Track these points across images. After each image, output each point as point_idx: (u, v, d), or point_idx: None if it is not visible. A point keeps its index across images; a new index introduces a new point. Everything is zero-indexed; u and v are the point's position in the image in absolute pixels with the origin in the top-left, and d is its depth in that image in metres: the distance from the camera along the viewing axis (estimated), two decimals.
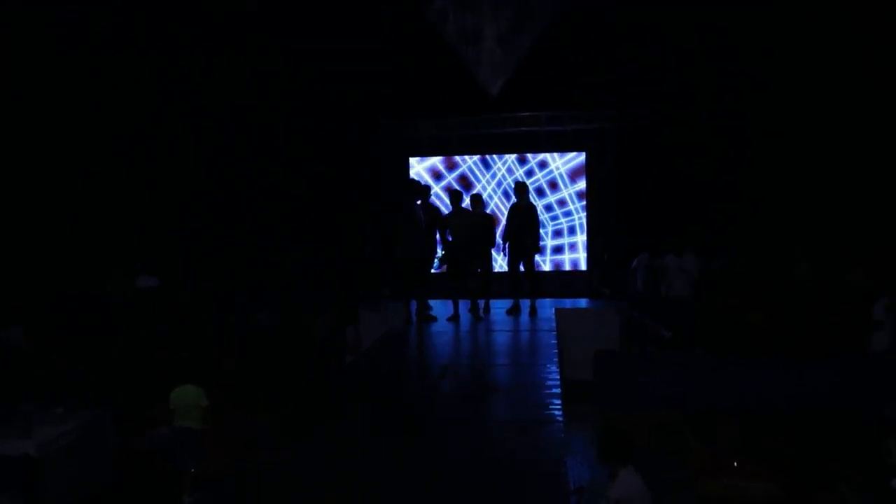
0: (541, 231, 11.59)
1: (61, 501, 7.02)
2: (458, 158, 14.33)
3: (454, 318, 10.53)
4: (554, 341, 9.20)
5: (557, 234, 14.27)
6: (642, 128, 13.53)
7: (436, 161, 14.35)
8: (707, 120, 13.31)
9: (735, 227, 12.94)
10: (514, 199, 11.26)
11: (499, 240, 11.37)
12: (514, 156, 14.22)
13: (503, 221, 11.82)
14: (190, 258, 13.07)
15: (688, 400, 9.16)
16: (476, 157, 14.29)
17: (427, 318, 10.66)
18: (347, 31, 13.69)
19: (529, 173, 14.15)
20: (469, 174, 14.25)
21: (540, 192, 14.12)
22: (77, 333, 9.86)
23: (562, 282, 13.97)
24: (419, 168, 14.31)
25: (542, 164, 14.17)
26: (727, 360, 9.67)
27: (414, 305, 10.62)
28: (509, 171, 14.14)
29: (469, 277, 10.58)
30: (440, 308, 11.14)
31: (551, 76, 13.72)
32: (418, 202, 10.59)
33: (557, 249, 14.28)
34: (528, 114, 13.85)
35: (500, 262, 12.38)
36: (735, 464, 4.97)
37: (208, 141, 13.85)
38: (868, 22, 11.58)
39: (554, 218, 14.23)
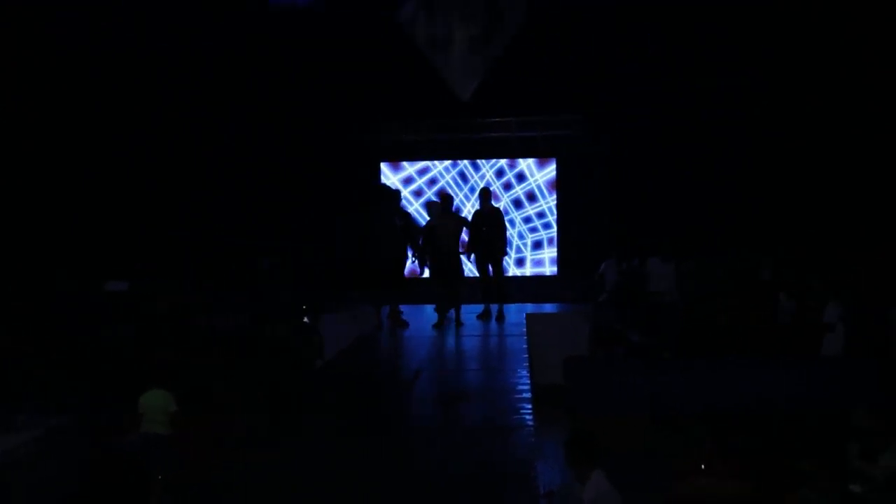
0: (507, 234, 11.56)
1: None
2: (437, 174, 14.38)
3: (440, 325, 10.41)
4: (525, 346, 9.23)
5: (537, 245, 14.35)
6: (613, 131, 13.67)
7: (421, 183, 14.41)
8: (692, 121, 13.48)
9: (708, 229, 13.11)
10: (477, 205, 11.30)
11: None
12: (492, 170, 14.30)
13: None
14: (161, 259, 12.91)
15: (657, 403, 9.27)
16: (455, 172, 14.35)
17: (400, 322, 10.64)
18: (321, 35, 13.68)
19: (507, 186, 14.27)
20: (448, 188, 14.21)
21: (518, 204, 14.21)
22: (43, 336, 9.69)
23: (538, 285, 14.07)
24: (397, 181, 14.28)
25: (521, 177, 14.26)
26: (695, 363, 9.79)
27: (386, 310, 10.61)
28: (488, 184, 14.12)
29: (458, 283, 10.55)
30: (411, 313, 11.08)
31: (523, 80, 13.80)
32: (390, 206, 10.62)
33: (538, 262, 14.38)
34: (499, 119, 13.92)
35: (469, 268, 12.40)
36: (703, 465, 5.03)
37: (195, 141, 13.77)
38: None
39: (533, 230, 14.31)
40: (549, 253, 14.31)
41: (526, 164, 14.25)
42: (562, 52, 13.50)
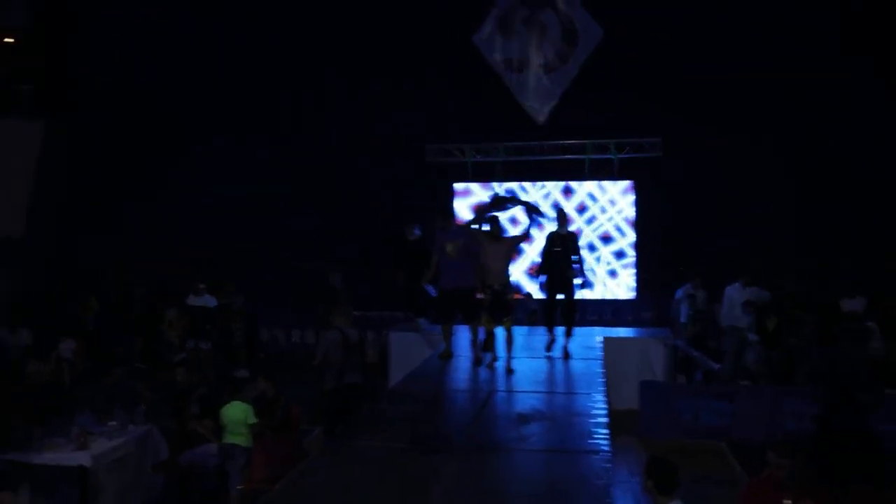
0: (583, 259, 10.23)
1: None
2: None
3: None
4: (601, 370, 9.07)
5: (614, 268, 14.13)
6: (687, 154, 13.53)
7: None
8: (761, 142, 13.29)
9: (784, 256, 12.84)
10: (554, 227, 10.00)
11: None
12: (560, 190, 14.23)
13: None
14: (234, 275, 13.29)
15: (734, 431, 9.04)
16: (517, 188, 14.35)
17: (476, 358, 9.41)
18: (394, 55, 13.95)
19: (581, 209, 14.13)
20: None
21: (596, 228, 14.10)
22: (130, 348, 10.08)
23: (615, 308, 13.88)
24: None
25: (595, 199, 14.13)
26: (775, 392, 9.54)
27: (457, 332, 10.21)
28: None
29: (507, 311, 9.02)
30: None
31: (598, 103, 13.79)
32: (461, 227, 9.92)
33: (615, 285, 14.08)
34: (575, 141, 13.88)
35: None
36: (784, 501, 4.88)
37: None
38: None
39: (612, 253, 14.14)
40: (627, 275, 14.05)
41: (603, 186, 14.11)
42: (639, 75, 13.49)
